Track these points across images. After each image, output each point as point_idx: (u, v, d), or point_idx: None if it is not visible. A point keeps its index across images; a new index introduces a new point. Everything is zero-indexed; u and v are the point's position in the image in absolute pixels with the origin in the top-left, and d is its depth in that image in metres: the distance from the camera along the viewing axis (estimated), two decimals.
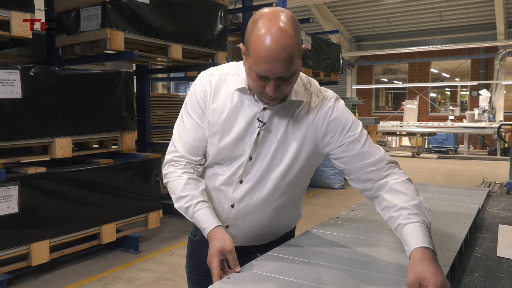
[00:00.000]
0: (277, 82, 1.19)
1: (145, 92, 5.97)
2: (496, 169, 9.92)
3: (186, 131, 1.38)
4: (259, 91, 1.24)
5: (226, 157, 1.37)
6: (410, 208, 1.24)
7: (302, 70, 7.23)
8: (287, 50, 1.13)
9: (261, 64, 1.15)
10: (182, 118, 1.41)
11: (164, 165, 1.42)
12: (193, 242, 1.59)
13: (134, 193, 4.21)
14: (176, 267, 3.82)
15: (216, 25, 4.96)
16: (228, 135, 1.34)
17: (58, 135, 3.57)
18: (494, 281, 1.30)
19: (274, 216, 1.44)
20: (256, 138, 1.33)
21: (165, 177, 1.40)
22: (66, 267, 3.84)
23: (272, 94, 1.21)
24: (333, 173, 7.68)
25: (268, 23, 1.14)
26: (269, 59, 1.13)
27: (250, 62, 1.19)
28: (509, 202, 2.47)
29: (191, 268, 1.63)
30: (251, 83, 1.25)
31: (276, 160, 1.35)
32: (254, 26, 1.17)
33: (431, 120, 15.35)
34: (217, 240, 1.23)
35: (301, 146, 1.35)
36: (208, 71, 1.40)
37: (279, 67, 1.15)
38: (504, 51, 13.56)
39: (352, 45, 16.10)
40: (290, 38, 1.14)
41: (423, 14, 13.79)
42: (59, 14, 4.17)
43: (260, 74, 1.18)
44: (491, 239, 1.73)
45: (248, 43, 1.18)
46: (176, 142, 1.40)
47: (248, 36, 1.18)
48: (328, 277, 1.20)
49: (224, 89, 1.35)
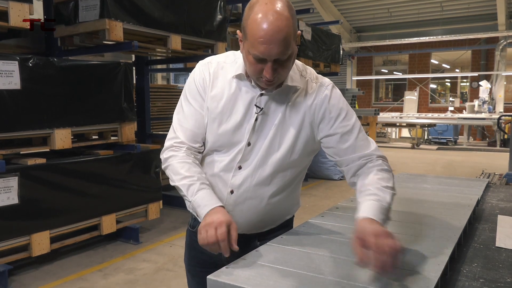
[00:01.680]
0: (274, 65, 1.22)
1: (144, 83, 5.95)
2: (496, 160, 9.93)
3: (186, 118, 1.40)
4: (256, 75, 1.26)
5: (224, 144, 1.38)
6: (371, 190, 1.29)
7: (302, 61, 7.22)
8: (283, 31, 1.17)
9: (258, 46, 1.18)
10: (181, 106, 1.43)
11: (163, 150, 1.42)
12: (191, 234, 1.59)
13: (134, 184, 4.22)
14: (176, 258, 3.83)
15: (215, 15, 4.93)
16: (227, 121, 1.36)
17: (58, 126, 3.56)
18: (492, 271, 1.30)
19: (272, 203, 1.44)
20: (254, 124, 1.35)
21: (166, 161, 1.39)
22: (66, 258, 3.86)
23: (269, 77, 1.23)
24: (333, 164, 7.68)
25: (264, 6, 1.18)
26: (266, 40, 1.17)
27: (248, 46, 1.21)
28: (508, 193, 2.47)
29: (190, 260, 1.62)
30: (248, 68, 1.27)
31: (274, 145, 1.36)
32: (250, 10, 1.20)
33: (431, 111, 15.33)
34: (223, 214, 1.23)
35: (299, 131, 1.37)
36: (206, 60, 1.42)
37: (275, 48, 1.18)
38: (505, 42, 13.50)
39: (352, 36, 16.01)
40: (286, 20, 1.18)
41: (423, 4, 13.70)
42: (58, 5, 4.13)
43: (258, 57, 1.20)
44: (490, 229, 1.74)
45: (246, 28, 1.22)
46: (177, 129, 1.41)
47: (245, 21, 1.22)
48: (327, 267, 1.21)
49: (222, 76, 1.38)
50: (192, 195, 1.30)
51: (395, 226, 1.66)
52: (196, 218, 1.47)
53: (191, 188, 1.31)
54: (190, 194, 1.30)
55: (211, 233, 1.18)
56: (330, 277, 1.13)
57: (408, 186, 2.45)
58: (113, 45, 4.20)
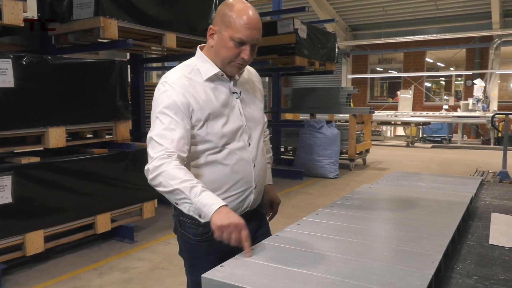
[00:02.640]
0: (250, 48, 1.50)
1: (139, 81, 5.93)
2: (490, 158, 9.99)
3: (170, 131, 1.46)
4: (233, 59, 1.51)
5: (233, 132, 1.56)
6: (268, 159, 1.84)
7: (298, 59, 7.18)
8: (260, 22, 1.51)
9: (244, 31, 1.46)
10: (160, 122, 1.48)
11: (151, 162, 1.43)
12: (195, 245, 1.62)
13: (128, 183, 4.21)
14: (172, 256, 3.83)
15: (211, 13, 4.92)
16: (224, 116, 1.55)
17: (52, 124, 3.55)
18: (486, 268, 1.31)
19: (265, 166, 1.74)
20: (240, 107, 1.60)
21: (157, 169, 1.40)
22: (61, 257, 3.84)
23: (247, 58, 1.50)
24: (328, 163, 7.70)
25: (244, 4, 1.49)
26: (250, 26, 1.47)
27: (230, 33, 1.47)
28: (502, 191, 2.49)
29: (197, 254, 1.63)
30: (226, 53, 1.50)
31: (256, 117, 1.67)
32: (230, 7, 1.48)
33: (425, 109, 15.37)
34: (234, 215, 1.34)
35: (261, 101, 1.75)
36: (172, 78, 1.53)
37: (257, 33, 1.49)
38: (499, 41, 13.55)
39: (347, 34, 16.02)
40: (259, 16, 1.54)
41: (418, 3, 13.72)
42: (52, 2, 4.10)
43: (241, 40, 1.47)
44: (483, 227, 1.75)
45: (227, 19, 1.47)
46: (161, 142, 1.45)
47: (226, 14, 1.48)
48: (322, 265, 1.21)
49: (197, 84, 1.54)
50: (195, 196, 1.35)
51: (388, 224, 1.67)
52: (187, 223, 1.60)
53: (194, 190, 1.36)
54: (194, 195, 1.35)
55: (235, 237, 1.31)
56: (325, 275, 1.14)
57: (403, 184, 2.46)
58: (107, 43, 4.18)
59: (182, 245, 1.67)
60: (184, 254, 1.67)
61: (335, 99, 8.63)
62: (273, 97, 8.66)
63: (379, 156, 10.64)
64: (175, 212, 1.65)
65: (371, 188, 2.31)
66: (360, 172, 8.47)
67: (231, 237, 1.30)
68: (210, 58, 1.57)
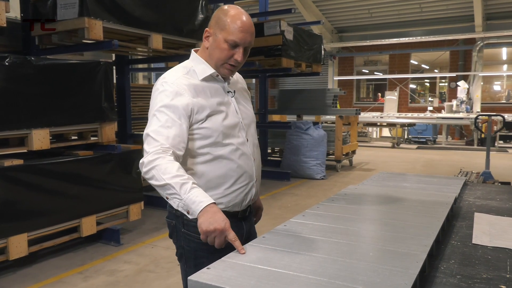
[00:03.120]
0: (243, 51, 1.59)
1: (125, 83, 5.88)
2: (473, 159, 10.15)
3: (167, 128, 1.49)
4: (226, 60, 1.59)
5: (232, 127, 1.63)
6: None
7: (284, 61, 7.20)
8: (253, 26, 1.61)
9: (237, 34, 1.55)
10: (157, 119, 1.52)
11: (146, 155, 1.46)
12: (197, 243, 1.60)
13: (114, 185, 4.17)
14: (158, 259, 3.80)
15: (197, 15, 4.90)
16: (223, 112, 1.62)
17: (35, 126, 3.49)
18: (469, 267, 1.33)
19: (260, 161, 1.81)
20: (235, 105, 1.68)
21: (151, 163, 1.44)
22: (46, 261, 3.78)
23: (240, 59, 1.59)
24: (315, 164, 7.73)
25: (238, 10, 1.59)
26: (244, 29, 1.56)
27: (224, 36, 1.55)
28: (485, 191, 2.53)
29: (203, 252, 1.60)
30: (220, 55, 1.58)
31: (250, 115, 1.76)
32: (225, 12, 1.57)
33: (410, 111, 15.54)
34: (221, 219, 1.37)
35: (250, 101, 1.84)
36: (171, 78, 1.59)
37: (249, 36, 1.59)
38: (482, 43, 13.78)
39: (333, 36, 16.12)
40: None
41: (403, 5, 13.88)
42: (35, 3, 4.05)
43: (235, 42, 1.56)
44: (467, 226, 1.78)
45: (222, 23, 1.56)
46: (157, 138, 1.48)
47: (221, 18, 1.56)
48: (308, 266, 1.21)
49: (195, 84, 1.60)
50: (185, 192, 1.39)
51: (374, 224, 1.69)
52: (192, 223, 1.54)
53: (184, 186, 1.40)
54: (184, 192, 1.39)
55: (218, 242, 1.37)
56: (311, 276, 1.14)
57: (389, 185, 2.48)
58: (92, 44, 4.14)
59: (185, 245, 1.65)
60: (188, 254, 1.65)
61: (321, 100, 8.68)
62: (260, 98, 8.67)
63: (365, 157, 10.73)
64: (176, 213, 1.62)
65: (357, 189, 2.33)
66: (346, 173, 8.53)
67: (215, 242, 1.36)
68: (205, 59, 1.64)
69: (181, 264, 1.70)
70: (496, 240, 1.58)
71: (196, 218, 1.40)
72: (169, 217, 1.69)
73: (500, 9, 13.30)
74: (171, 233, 1.71)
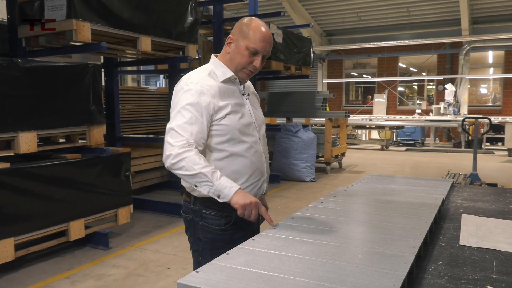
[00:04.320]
0: (261, 58, 1.75)
1: (113, 85, 5.84)
2: (461, 161, 10.27)
3: (191, 125, 1.65)
4: (246, 65, 1.75)
5: (247, 125, 1.77)
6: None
7: (274, 63, 7.21)
8: (271, 37, 1.78)
9: (259, 43, 1.71)
10: (182, 115, 1.67)
11: (173, 148, 1.61)
12: (218, 234, 1.80)
13: (103, 189, 4.13)
14: (147, 263, 3.78)
15: (186, 17, 4.90)
16: (239, 112, 1.76)
17: (22, 129, 3.45)
18: (456, 268, 1.35)
19: (268, 159, 1.94)
20: (249, 107, 1.83)
21: (180, 155, 1.60)
22: (32, 265, 3.73)
23: (258, 66, 1.75)
24: (305, 166, 7.75)
25: (258, 21, 1.76)
26: (265, 39, 1.73)
27: (246, 43, 1.72)
28: (472, 192, 2.56)
29: (220, 242, 1.77)
30: (240, 61, 1.74)
31: (261, 117, 1.91)
32: (248, 22, 1.74)
33: (399, 113, 15.67)
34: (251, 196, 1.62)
35: (259, 104, 1.96)
36: (195, 78, 1.74)
37: (269, 46, 1.76)
38: (468, 47, 13.97)
39: (323, 39, 16.21)
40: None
41: (391, 9, 14.02)
42: (22, 4, 4.01)
43: (255, 51, 1.72)
44: (454, 228, 1.79)
45: (245, 32, 1.72)
46: (181, 133, 1.64)
47: (244, 28, 1.73)
48: (298, 268, 1.22)
49: (216, 85, 1.74)
50: (216, 179, 1.59)
51: (363, 226, 1.70)
52: (210, 215, 1.77)
53: (215, 174, 1.60)
54: (215, 178, 1.59)
55: (254, 213, 1.61)
56: (300, 278, 1.14)
57: (377, 187, 2.50)
58: (80, 46, 4.10)
59: (203, 237, 1.79)
60: (205, 245, 1.80)
61: (311, 103, 8.71)
62: None
63: (354, 159, 10.79)
64: (194, 207, 1.80)
65: (346, 191, 2.34)
66: (336, 175, 8.57)
67: (252, 214, 1.60)
68: (224, 63, 1.79)
69: (195, 257, 1.85)
70: (483, 241, 1.60)
71: (219, 212, 1.72)
72: (185, 212, 1.85)
73: (486, 13, 13.51)
74: (187, 227, 1.86)
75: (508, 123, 11.11)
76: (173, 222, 4.99)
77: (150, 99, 7.11)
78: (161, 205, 5.40)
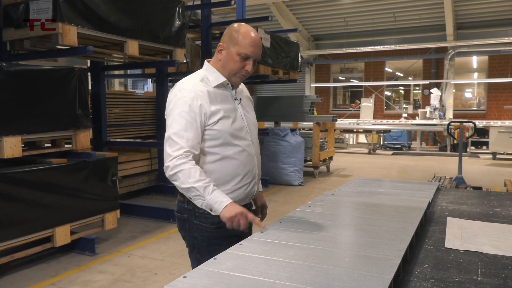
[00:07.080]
0: (252, 63, 1.80)
1: (100, 89, 5.79)
2: (446, 164, 10.39)
3: (186, 130, 1.71)
4: (238, 71, 1.80)
5: (239, 129, 1.82)
6: None
7: (261, 68, 7.23)
8: (261, 42, 1.83)
9: (249, 48, 1.77)
10: (176, 122, 1.73)
11: (171, 159, 1.68)
12: (213, 232, 1.84)
13: (89, 194, 4.08)
14: (135, 268, 3.74)
15: (174, 21, 4.88)
16: (231, 116, 1.81)
17: (7, 134, 3.40)
18: (442, 271, 1.36)
19: (261, 162, 1.99)
20: (241, 111, 1.87)
21: (176, 167, 1.67)
22: (17, 272, 3.67)
23: (250, 70, 1.80)
24: (293, 170, 7.77)
25: (247, 27, 1.81)
26: (254, 44, 1.78)
27: (237, 49, 1.77)
28: (457, 195, 2.59)
29: (216, 240, 1.82)
30: (232, 66, 1.79)
31: (254, 121, 1.96)
32: (237, 29, 1.79)
33: (386, 117, 15.83)
34: (239, 207, 1.67)
35: (253, 109, 2.01)
36: (188, 85, 1.79)
37: (259, 50, 1.81)
38: (453, 52, 14.19)
39: (310, 44, 16.32)
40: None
41: (378, 15, 14.18)
42: (6, 7, 3.95)
43: (246, 55, 1.77)
44: (440, 231, 1.81)
45: (235, 39, 1.77)
46: (177, 140, 1.70)
47: (234, 35, 1.78)
48: (285, 272, 1.22)
49: (209, 91, 1.80)
50: (208, 194, 1.66)
51: (350, 230, 1.71)
52: (204, 214, 1.79)
53: (207, 189, 1.66)
54: (207, 193, 1.66)
55: (243, 222, 1.65)
56: (287, 283, 1.14)
57: (364, 191, 2.51)
58: (66, 50, 4.06)
59: (198, 235, 1.84)
60: (201, 243, 1.84)
61: (299, 107, 8.75)
62: None
63: (342, 163, 10.85)
64: (188, 207, 1.83)
65: (333, 195, 2.35)
66: (324, 179, 8.60)
67: (240, 223, 1.64)
68: (217, 69, 1.84)
69: (193, 255, 1.89)
70: (468, 244, 1.62)
71: (208, 212, 1.71)
72: (179, 212, 1.89)
73: (471, 19, 13.75)
74: (181, 226, 1.90)
75: (492, 127, 11.29)
76: (161, 227, 4.95)
77: (138, 103, 7.06)
78: (149, 210, 5.36)
